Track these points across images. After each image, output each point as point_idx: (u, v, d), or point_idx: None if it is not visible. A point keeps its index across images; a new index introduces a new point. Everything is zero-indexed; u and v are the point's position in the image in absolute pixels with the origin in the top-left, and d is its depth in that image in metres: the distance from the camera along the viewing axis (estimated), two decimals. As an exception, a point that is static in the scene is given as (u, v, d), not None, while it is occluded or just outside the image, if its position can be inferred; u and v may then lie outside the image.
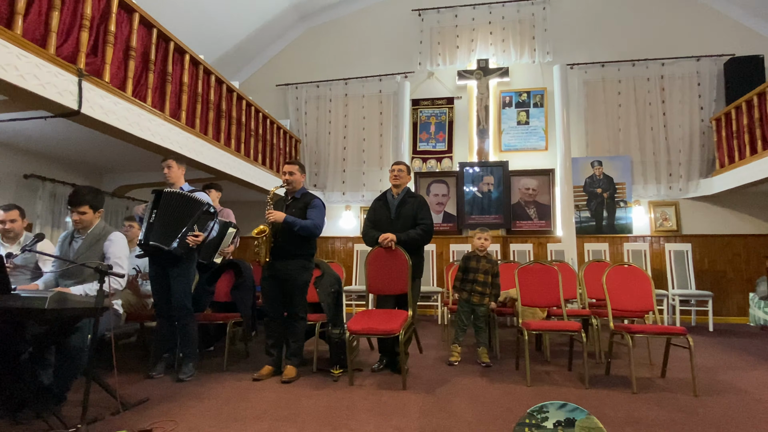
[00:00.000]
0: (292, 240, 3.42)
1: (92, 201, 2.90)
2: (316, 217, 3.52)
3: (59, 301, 2.13)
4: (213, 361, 3.97)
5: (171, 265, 3.42)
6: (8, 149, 4.56)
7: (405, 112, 7.61)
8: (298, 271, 3.46)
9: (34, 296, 2.08)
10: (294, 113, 8.19)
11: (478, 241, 4.05)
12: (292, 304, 3.47)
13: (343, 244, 7.80)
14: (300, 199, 3.59)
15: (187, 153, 4.47)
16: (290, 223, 3.40)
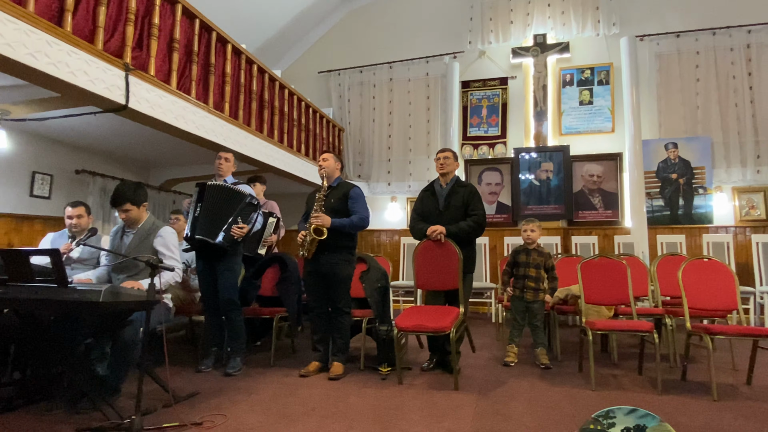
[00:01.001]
0: (335, 233, 3.49)
1: (132, 197, 3.08)
2: (360, 209, 3.57)
3: (113, 295, 2.29)
4: (260, 356, 4.13)
5: (217, 259, 3.57)
6: (61, 145, 4.91)
7: (454, 96, 7.51)
8: (342, 264, 3.53)
9: (89, 289, 2.25)
10: (337, 101, 8.29)
11: (524, 233, 3.97)
12: (335, 299, 3.54)
13: (389, 238, 7.85)
14: (337, 188, 3.65)
15: (231, 145, 4.64)
16: (339, 227, 3.47)
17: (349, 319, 3.59)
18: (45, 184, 4.75)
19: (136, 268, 3.05)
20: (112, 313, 2.46)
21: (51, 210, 4.80)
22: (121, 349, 2.66)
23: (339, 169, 3.73)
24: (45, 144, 4.75)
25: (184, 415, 2.60)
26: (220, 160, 3.74)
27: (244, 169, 5.73)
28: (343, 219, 3.51)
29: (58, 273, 2.28)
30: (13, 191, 4.47)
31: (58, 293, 2.30)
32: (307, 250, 3.49)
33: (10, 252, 2.42)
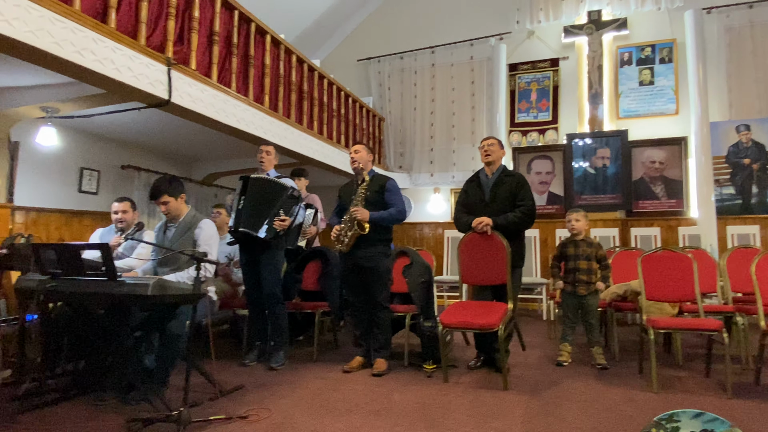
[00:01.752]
0: (372, 226, 3.53)
1: (168, 189, 3.21)
2: (397, 202, 3.60)
3: (160, 288, 2.40)
4: (303, 351, 4.24)
5: (260, 252, 3.68)
6: (107, 141, 5.18)
7: (501, 80, 7.37)
8: (379, 258, 3.57)
9: (137, 283, 2.38)
10: (377, 89, 8.30)
11: (568, 223, 3.87)
12: (373, 294, 3.58)
13: (432, 231, 7.82)
14: (372, 181, 3.67)
15: (271, 138, 4.74)
16: (378, 220, 3.51)
17: (388, 315, 3.63)
18: (92, 179, 5.02)
19: (178, 262, 3.18)
20: (160, 306, 2.59)
21: (98, 205, 5.07)
22: (168, 342, 2.80)
23: (371, 161, 3.76)
24: (92, 140, 5.02)
25: (229, 408, 2.71)
26: (261, 153, 3.86)
27: (285, 162, 5.84)
28: (381, 212, 3.54)
29: (107, 267, 2.42)
30: (62, 187, 4.76)
31: (108, 287, 2.44)
32: (346, 245, 3.54)
33: (63, 247, 2.59)
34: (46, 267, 2.60)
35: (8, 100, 3.67)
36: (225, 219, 4.66)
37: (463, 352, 4.19)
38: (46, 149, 4.47)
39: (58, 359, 3.48)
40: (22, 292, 2.80)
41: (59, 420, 2.56)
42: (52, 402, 2.78)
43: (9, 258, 3.14)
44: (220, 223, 4.62)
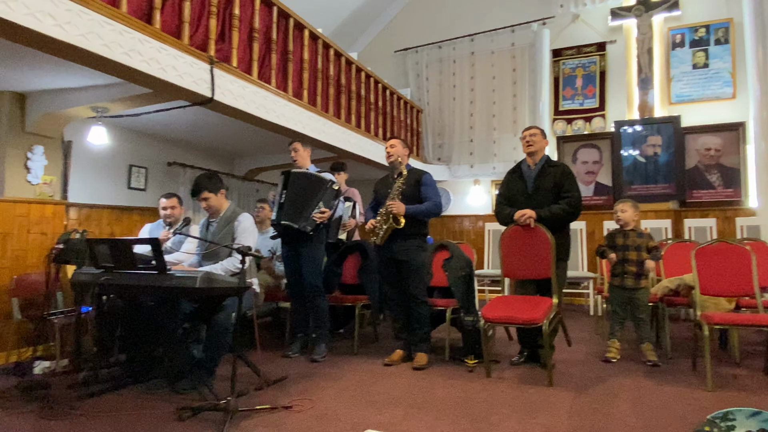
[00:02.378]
0: (408, 220, 3.55)
1: (208, 185, 3.32)
2: (433, 195, 3.62)
3: (207, 281, 2.50)
4: (344, 344, 4.31)
5: (301, 245, 3.77)
6: (154, 139, 5.39)
7: (544, 66, 7.20)
8: (414, 251, 3.59)
9: (186, 275, 2.48)
10: (414, 80, 8.27)
11: (615, 214, 3.76)
12: (409, 287, 3.60)
13: (472, 224, 7.76)
14: (408, 174, 3.67)
15: (310, 133, 4.82)
16: (414, 214, 3.52)
17: (426, 309, 3.65)
18: (140, 176, 5.24)
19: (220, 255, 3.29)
20: (207, 298, 2.69)
21: (146, 201, 5.29)
22: (215, 334, 2.91)
23: (407, 155, 3.77)
24: (139, 138, 5.23)
25: (274, 399, 2.80)
26: (292, 153, 3.96)
27: (323, 156, 5.92)
28: (418, 206, 3.56)
29: (157, 261, 2.53)
30: (113, 184, 4.99)
31: (158, 280, 2.56)
32: (380, 238, 3.58)
33: (115, 242, 2.72)
34: (100, 261, 2.75)
35: (61, 102, 3.87)
36: (268, 214, 4.78)
37: (505, 347, 4.16)
38: (97, 148, 4.70)
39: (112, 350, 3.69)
40: (78, 286, 2.96)
41: (113, 407, 2.70)
42: (106, 390, 2.94)
43: (65, 253, 3.32)
44: (263, 217, 4.75)
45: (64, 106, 3.86)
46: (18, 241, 3.88)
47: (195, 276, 2.45)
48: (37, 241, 3.99)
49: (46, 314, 3.43)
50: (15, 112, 3.92)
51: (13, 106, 3.90)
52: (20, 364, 3.47)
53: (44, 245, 3.98)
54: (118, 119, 4.53)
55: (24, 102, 3.97)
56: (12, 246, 3.84)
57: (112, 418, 2.53)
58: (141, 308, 3.06)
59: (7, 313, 3.77)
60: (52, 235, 4.04)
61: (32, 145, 4.01)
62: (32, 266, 3.92)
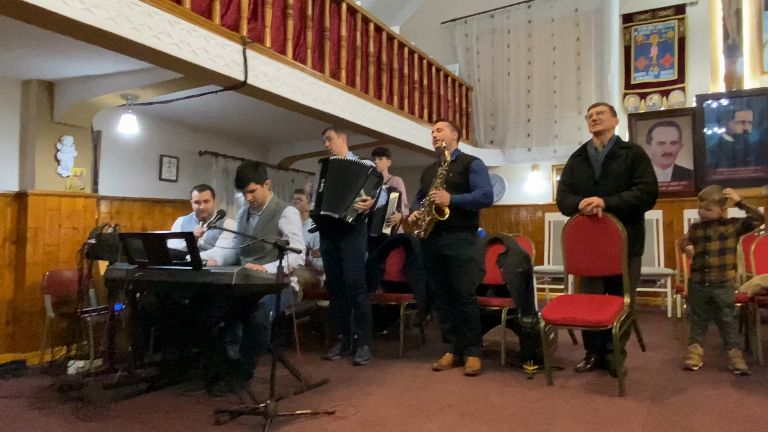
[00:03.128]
0: (455, 211, 3.53)
1: (254, 176, 3.41)
2: (483, 184, 3.58)
3: (244, 277, 2.59)
4: (388, 346, 4.36)
5: (342, 239, 3.83)
6: (185, 127, 5.57)
7: (612, 34, 6.96)
8: (463, 246, 3.56)
9: (222, 272, 2.58)
10: (463, 55, 8.18)
11: (698, 209, 3.62)
12: (456, 285, 3.59)
13: (530, 214, 7.65)
14: (456, 161, 3.65)
15: (348, 116, 4.85)
16: (460, 204, 3.50)
17: (475, 309, 3.64)
18: (172, 167, 5.44)
19: (263, 250, 3.39)
20: (244, 295, 2.78)
21: (178, 193, 5.49)
22: (252, 333, 3.01)
23: (456, 139, 3.75)
24: (170, 126, 5.43)
25: (315, 403, 2.87)
26: (326, 142, 4.03)
27: (364, 143, 5.95)
28: (464, 195, 3.54)
29: (192, 256, 2.63)
30: (144, 176, 5.20)
31: (193, 276, 2.66)
32: (423, 231, 3.58)
33: (149, 236, 2.85)
34: (134, 256, 2.89)
35: (90, 89, 4.06)
36: (305, 205, 4.87)
37: (569, 352, 4.10)
38: (127, 137, 4.90)
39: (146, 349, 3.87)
40: (111, 282, 3.12)
41: (149, 410, 2.84)
42: (141, 392, 3.09)
43: (97, 248, 3.51)
44: (300, 209, 4.83)
45: (94, 94, 4.05)
46: (49, 236, 4.12)
47: (231, 272, 2.54)
48: (69, 236, 4.22)
49: (80, 312, 3.62)
50: (43, 101, 4.14)
51: (42, 95, 4.13)
52: (54, 363, 3.68)
53: (76, 240, 4.20)
54: (148, 107, 4.70)
55: (52, 90, 4.19)
56: (44, 241, 4.08)
57: (148, 421, 2.67)
58: (175, 306, 3.19)
59: (40, 311, 4.01)
60: (83, 230, 4.27)
61: (61, 136, 4.23)
62: (64, 262, 4.16)
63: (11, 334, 3.99)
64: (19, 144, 4.15)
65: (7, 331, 3.97)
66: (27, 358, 3.91)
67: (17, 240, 4.05)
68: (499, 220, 7.80)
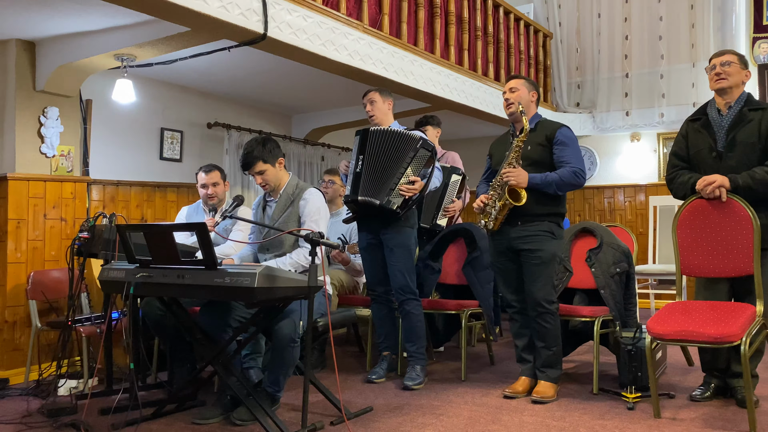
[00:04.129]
0: (536, 197, 3.48)
1: (263, 154, 3.44)
2: (572, 159, 3.51)
3: (268, 278, 2.64)
4: (446, 366, 4.39)
5: (386, 231, 3.87)
6: (191, 94, 5.73)
7: (737, -39, 6.74)
8: (543, 240, 3.52)
9: (241, 272, 2.63)
10: (541, -8, 8.09)
11: None
12: (533, 290, 3.57)
13: (629, 197, 7.56)
14: (536, 130, 3.59)
15: (392, 76, 4.87)
16: (542, 185, 3.46)
17: (555, 320, 3.61)
18: (175, 143, 5.60)
19: (282, 246, 3.45)
20: (267, 301, 2.84)
21: (183, 175, 5.66)
22: (278, 348, 3.08)
23: (535, 101, 3.69)
24: (173, 94, 5.59)
25: (356, 437, 2.93)
26: (366, 107, 4.02)
27: (411, 108, 5.97)
28: (547, 174, 3.48)
29: (205, 252, 2.71)
30: (142, 154, 5.38)
31: (206, 277, 2.73)
32: (493, 220, 3.55)
33: (153, 228, 2.94)
34: (134, 253, 2.99)
35: (78, 49, 4.22)
36: (339, 189, 4.92)
37: (682, 376, 4.05)
38: (122, 108, 5.07)
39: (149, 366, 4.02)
40: (108, 285, 3.23)
41: (157, 439, 2.96)
42: (145, 418, 3.21)
43: (91, 243, 3.64)
44: (333, 194, 4.89)
45: (82, 56, 4.20)
46: (33, 229, 4.33)
47: (253, 272, 2.59)
48: (56, 229, 4.43)
49: (70, 321, 3.78)
50: (23, 65, 4.34)
51: (21, 57, 4.32)
52: (42, 383, 3.87)
53: (64, 234, 4.41)
54: (147, 70, 4.85)
55: (33, 52, 4.38)
56: (27, 235, 4.29)
57: (156, 453, 2.78)
58: (185, 314, 3.29)
59: (24, 320, 4.22)
60: (73, 221, 4.46)
61: (45, 107, 4.43)
62: (51, 260, 4.36)
63: (-9, 347, 4.22)
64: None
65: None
66: (9, 376, 4.14)
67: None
68: (587, 205, 7.70)
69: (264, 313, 3.08)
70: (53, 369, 3.83)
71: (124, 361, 3.92)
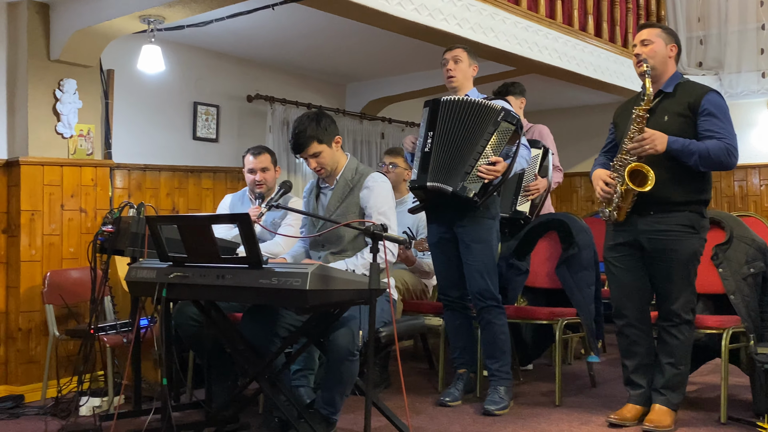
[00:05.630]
0: (674, 177, 3.39)
1: (317, 133, 3.46)
2: (725, 134, 3.37)
3: (322, 279, 2.68)
4: (535, 388, 4.38)
5: (461, 224, 3.86)
6: (228, 62, 5.86)
7: None
8: (681, 237, 3.43)
9: (291, 271, 2.68)
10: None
11: None
12: (665, 296, 3.51)
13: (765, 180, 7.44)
14: (675, 95, 3.48)
15: (468, 33, 4.85)
16: (680, 151, 3.33)
17: (690, 333, 3.53)
18: (210, 119, 5.73)
19: (340, 241, 3.49)
20: (321, 306, 2.88)
21: (220, 157, 5.79)
22: (334, 363, 3.12)
23: (674, 57, 3.55)
24: (208, 61, 5.72)
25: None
26: (447, 64, 3.97)
27: (491, 72, 5.92)
28: (691, 141, 3.34)
29: (249, 248, 2.77)
30: (173, 134, 5.53)
31: (249, 278, 2.79)
32: (616, 208, 3.47)
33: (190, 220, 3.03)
34: (166, 250, 3.07)
35: (98, 11, 4.30)
36: (403, 173, 4.92)
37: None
38: (149, 79, 5.20)
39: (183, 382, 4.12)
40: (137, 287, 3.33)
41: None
42: (180, 443, 3.32)
43: (116, 239, 3.74)
44: (396, 179, 4.89)
45: (103, 18, 4.28)
46: (49, 222, 4.49)
47: (304, 271, 2.63)
48: (75, 222, 4.59)
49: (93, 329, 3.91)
50: (36, 30, 4.48)
51: (34, 22, 4.46)
52: (61, 401, 3.99)
53: (85, 227, 4.56)
54: (177, 34, 4.95)
55: (47, 15, 4.51)
56: (42, 229, 4.46)
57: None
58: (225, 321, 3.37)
59: (40, 327, 4.39)
60: (94, 213, 4.61)
61: (61, 79, 4.58)
62: (70, 258, 4.52)
63: (3, 359, 4.41)
64: (6, 92, 4.53)
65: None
66: (25, 392, 4.31)
67: (7, 228, 4.46)
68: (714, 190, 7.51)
69: (317, 320, 3.11)
70: (74, 385, 3.88)
71: (155, 376, 3.99)
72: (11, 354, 4.41)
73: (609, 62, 6.38)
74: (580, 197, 8.46)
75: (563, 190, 7.73)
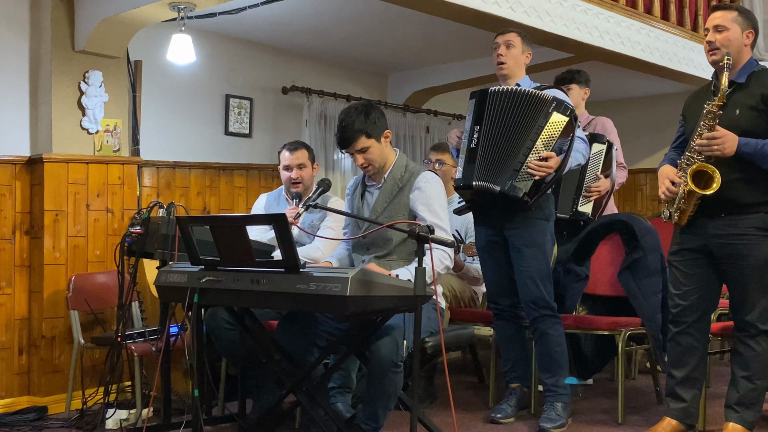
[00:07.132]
0: (748, 178, 3.36)
1: (366, 127, 3.47)
2: None
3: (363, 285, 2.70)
4: (596, 405, 4.36)
5: (511, 226, 3.85)
6: (262, 51, 5.91)
7: None
8: (755, 241, 3.38)
9: (330, 276, 2.70)
10: None
11: None
12: (739, 305, 3.48)
13: None
14: (748, 86, 3.41)
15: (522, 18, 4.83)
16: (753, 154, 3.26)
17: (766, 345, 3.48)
18: (243, 113, 5.79)
19: (387, 244, 3.50)
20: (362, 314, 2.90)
21: (253, 154, 5.86)
22: (376, 375, 3.14)
23: (750, 44, 3.48)
24: (241, 51, 5.78)
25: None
26: (498, 48, 3.93)
27: (547, 60, 5.89)
28: (766, 145, 3.27)
29: (285, 251, 2.81)
30: (203, 128, 5.60)
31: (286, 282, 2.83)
32: (678, 210, 3.44)
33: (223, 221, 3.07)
34: (198, 253, 3.13)
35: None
36: (450, 170, 4.92)
37: None
38: (179, 71, 5.27)
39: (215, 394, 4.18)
40: (166, 292, 3.39)
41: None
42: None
43: (144, 241, 3.80)
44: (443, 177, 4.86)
45: (130, 6, 4.34)
46: (74, 223, 4.57)
47: (345, 276, 2.65)
48: (101, 223, 4.67)
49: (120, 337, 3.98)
50: (60, 20, 4.56)
51: (58, 11, 4.55)
52: (86, 413, 4.06)
53: (111, 228, 4.65)
54: (208, 22, 5.02)
55: (72, 3, 4.59)
56: (67, 230, 4.55)
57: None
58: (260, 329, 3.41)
59: (65, 334, 4.49)
60: (121, 213, 4.69)
61: (86, 71, 4.66)
62: (96, 261, 4.61)
63: (26, 368, 4.50)
64: (29, 85, 4.62)
65: (20, 364, 4.48)
66: (48, 404, 4.39)
67: (30, 229, 4.56)
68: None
69: (358, 329, 3.14)
70: (100, 396, 3.98)
71: (186, 387, 4.04)
72: (34, 363, 4.49)
73: (677, 48, 6.31)
74: (645, 196, 8.31)
75: (627, 188, 7.62)
